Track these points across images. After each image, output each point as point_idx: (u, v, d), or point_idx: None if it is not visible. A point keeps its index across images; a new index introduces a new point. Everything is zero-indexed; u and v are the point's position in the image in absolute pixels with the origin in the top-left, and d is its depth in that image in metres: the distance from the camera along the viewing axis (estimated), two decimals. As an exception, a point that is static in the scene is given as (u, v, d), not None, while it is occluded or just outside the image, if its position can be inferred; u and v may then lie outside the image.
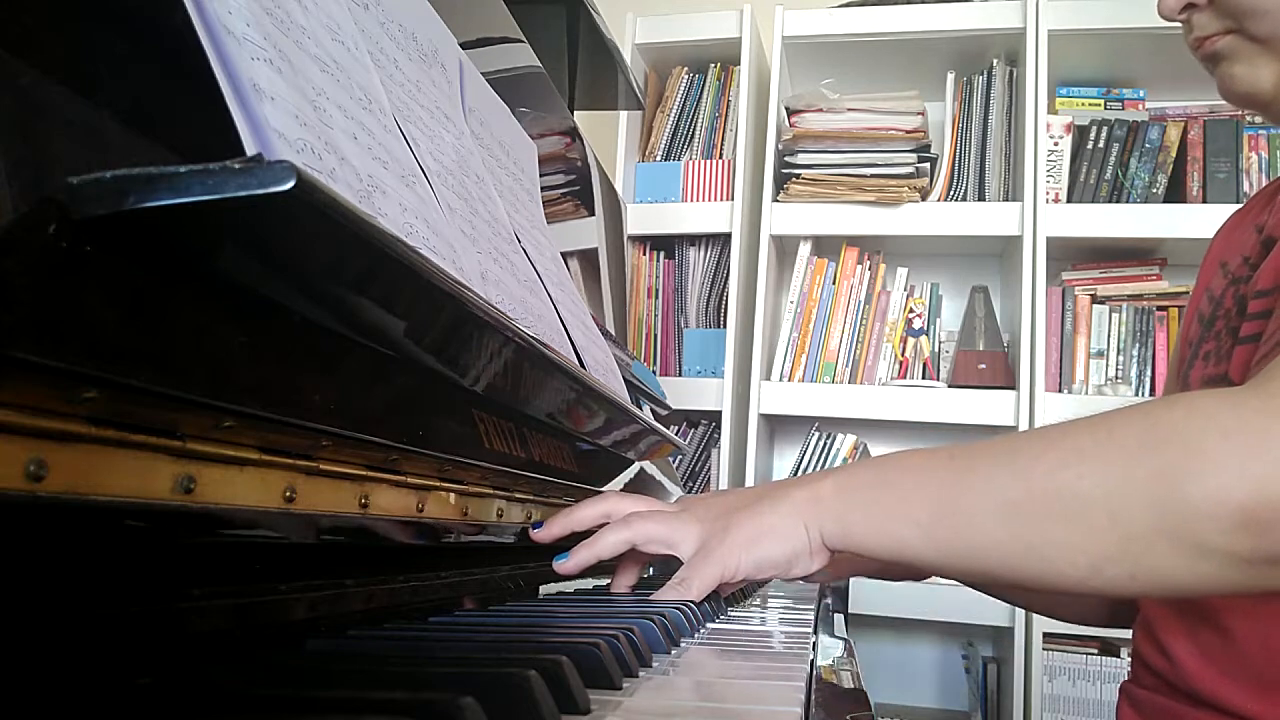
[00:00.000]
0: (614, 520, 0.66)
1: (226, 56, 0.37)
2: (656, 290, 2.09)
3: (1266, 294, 0.64)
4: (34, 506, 0.27)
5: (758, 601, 0.92)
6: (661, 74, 2.15)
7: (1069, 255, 1.94)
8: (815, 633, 0.68)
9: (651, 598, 0.62)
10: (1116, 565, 0.51)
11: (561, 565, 0.65)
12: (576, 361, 0.79)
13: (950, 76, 1.99)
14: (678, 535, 0.64)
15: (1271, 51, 0.66)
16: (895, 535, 0.58)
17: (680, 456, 1.98)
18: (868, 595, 1.75)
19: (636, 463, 1.06)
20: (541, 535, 0.66)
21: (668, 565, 0.90)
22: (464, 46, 0.74)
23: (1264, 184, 1.01)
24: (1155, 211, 1.83)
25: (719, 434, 1.95)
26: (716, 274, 2.06)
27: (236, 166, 0.28)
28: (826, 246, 2.03)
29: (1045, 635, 1.74)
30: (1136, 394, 1.86)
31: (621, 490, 0.96)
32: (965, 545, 0.55)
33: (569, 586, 0.80)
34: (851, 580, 0.98)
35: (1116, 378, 1.88)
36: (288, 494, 0.38)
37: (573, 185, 1.17)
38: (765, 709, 0.37)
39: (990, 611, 1.74)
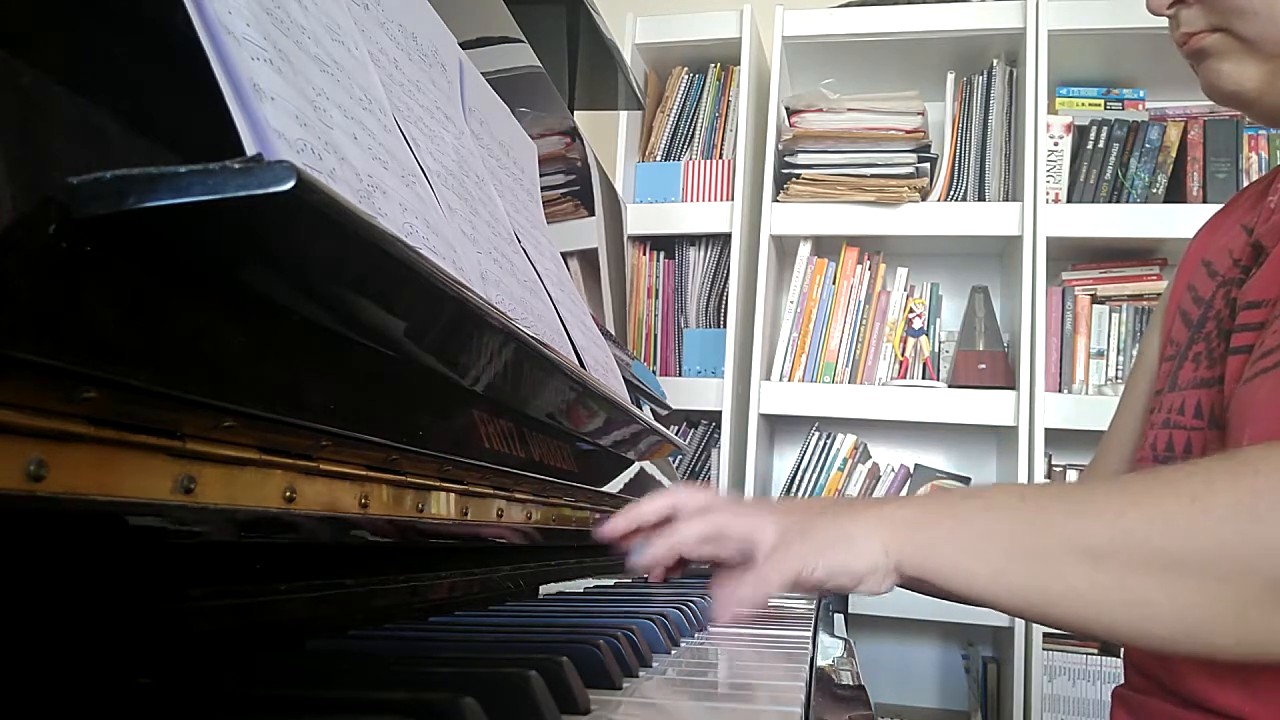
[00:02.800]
0: (683, 513, 0.65)
1: (226, 56, 0.37)
2: (656, 290, 2.09)
3: (1258, 305, 0.64)
4: (34, 506, 0.27)
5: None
6: (661, 74, 2.15)
7: (1069, 255, 1.94)
8: (815, 633, 0.68)
9: (725, 594, 0.60)
10: (1220, 633, 0.50)
11: (637, 560, 0.63)
12: (576, 361, 0.79)
13: (950, 76, 1.99)
14: (756, 530, 0.62)
15: (1257, 51, 0.66)
16: (965, 570, 0.56)
17: (680, 456, 1.98)
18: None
19: (636, 463, 1.06)
20: (605, 532, 0.65)
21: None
22: (464, 46, 0.74)
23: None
24: (1155, 211, 1.83)
25: (719, 434, 1.95)
26: (716, 274, 2.06)
27: (236, 167, 0.28)
28: (826, 246, 2.02)
29: (1045, 635, 1.74)
30: (1136, 394, 1.85)
31: (621, 490, 0.96)
32: (1040, 591, 0.54)
33: (569, 587, 0.80)
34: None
35: (1116, 378, 1.88)
36: (288, 494, 0.38)
37: (573, 185, 1.17)
38: (765, 708, 0.37)
39: (990, 612, 1.74)
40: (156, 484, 0.31)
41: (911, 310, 1.98)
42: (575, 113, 1.37)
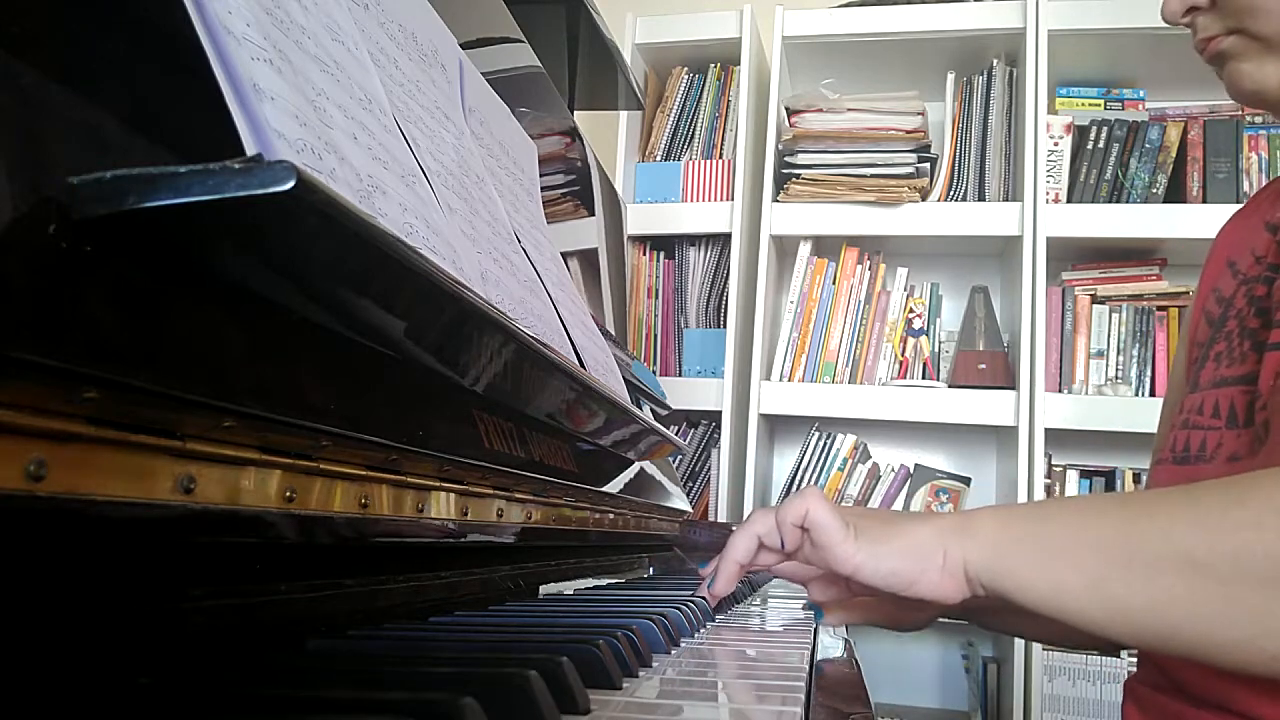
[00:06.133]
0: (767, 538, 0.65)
1: (226, 56, 0.37)
2: (656, 290, 2.09)
3: None
4: (34, 506, 0.27)
5: (758, 602, 0.93)
6: (661, 74, 2.15)
7: (1069, 255, 1.94)
8: (815, 633, 0.68)
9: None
10: None
11: (712, 590, 0.66)
12: (576, 361, 0.79)
13: (950, 76, 1.99)
14: (815, 513, 0.60)
15: (1276, 49, 0.66)
16: (1054, 579, 0.52)
17: (680, 456, 1.98)
18: (868, 595, 1.75)
19: (636, 463, 1.06)
20: (718, 590, 0.66)
21: (668, 565, 0.90)
22: (464, 46, 0.74)
23: (1264, 184, 1.00)
24: (1155, 211, 1.83)
25: (719, 434, 1.95)
26: (716, 274, 2.06)
27: (236, 167, 0.28)
28: (826, 246, 2.02)
29: (1045, 635, 1.74)
30: (1136, 394, 1.85)
31: (621, 490, 0.96)
32: (1140, 602, 0.50)
33: (569, 587, 0.80)
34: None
35: (1116, 378, 1.88)
36: (288, 494, 0.38)
37: (573, 185, 1.17)
38: (766, 709, 0.37)
39: (990, 611, 1.74)
40: (156, 484, 0.31)
41: (911, 310, 1.98)
42: (575, 113, 1.37)
